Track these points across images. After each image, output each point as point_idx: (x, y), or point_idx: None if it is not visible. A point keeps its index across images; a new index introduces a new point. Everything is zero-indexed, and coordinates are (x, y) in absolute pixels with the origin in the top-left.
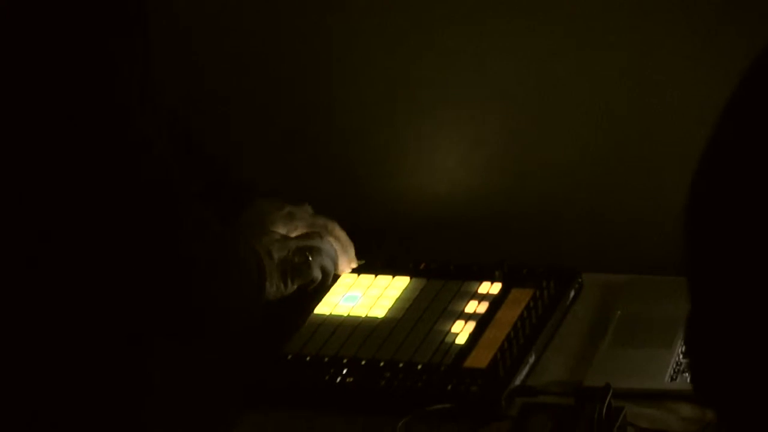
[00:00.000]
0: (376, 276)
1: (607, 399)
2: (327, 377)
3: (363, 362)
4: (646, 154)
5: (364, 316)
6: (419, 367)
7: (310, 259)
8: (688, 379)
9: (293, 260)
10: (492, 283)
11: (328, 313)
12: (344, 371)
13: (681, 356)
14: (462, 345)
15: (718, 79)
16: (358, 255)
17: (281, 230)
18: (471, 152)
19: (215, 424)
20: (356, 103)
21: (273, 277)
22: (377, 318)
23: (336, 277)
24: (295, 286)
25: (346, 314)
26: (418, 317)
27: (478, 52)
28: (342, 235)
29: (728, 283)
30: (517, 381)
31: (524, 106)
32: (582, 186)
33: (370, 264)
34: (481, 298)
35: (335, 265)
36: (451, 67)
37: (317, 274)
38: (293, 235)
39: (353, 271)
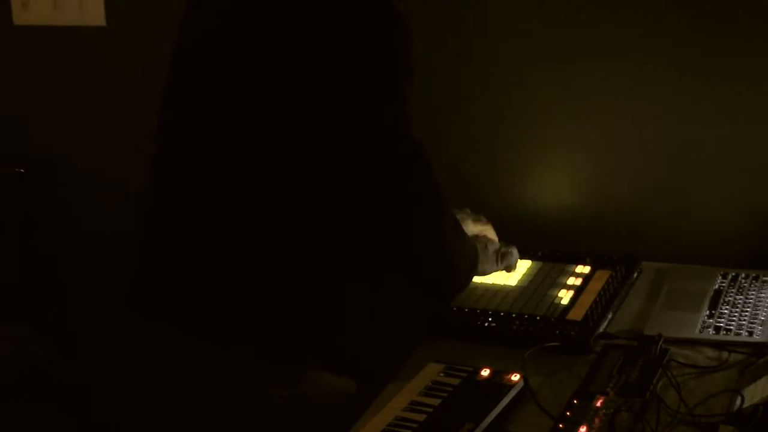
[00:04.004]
0: None
1: (659, 343)
2: (478, 321)
3: (501, 313)
4: (684, 178)
5: (502, 284)
6: (537, 318)
7: (513, 251)
8: (711, 332)
9: (501, 251)
10: (584, 266)
11: (479, 281)
12: (489, 318)
13: (706, 317)
14: (565, 305)
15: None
16: None
17: (474, 227)
18: (566, 172)
19: (409, 342)
20: (492, 133)
21: (490, 259)
22: (510, 286)
23: None
24: (502, 267)
25: (490, 282)
26: (537, 286)
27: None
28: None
29: None
30: (600, 329)
31: (609, 138)
32: (644, 204)
33: None
34: (577, 275)
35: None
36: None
37: (515, 263)
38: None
39: None
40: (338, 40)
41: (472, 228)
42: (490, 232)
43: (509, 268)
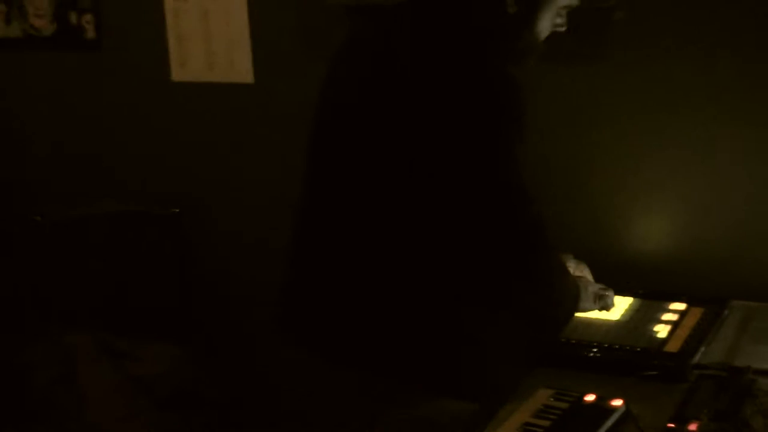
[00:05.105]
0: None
1: (748, 374)
2: (584, 352)
3: (605, 345)
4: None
5: (606, 319)
6: (638, 349)
7: (609, 294)
8: None
9: (599, 293)
10: (680, 304)
11: (584, 316)
12: (594, 349)
13: None
14: (663, 338)
15: None
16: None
17: (576, 270)
18: (662, 217)
19: (520, 370)
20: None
21: (589, 298)
22: (613, 320)
23: None
24: (599, 306)
25: (595, 317)
26: (637, 320)
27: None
28: None
29: None
30: (695, 360)
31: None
32: (734, 248)
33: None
34: (674, 312)
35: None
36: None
37: (612, 303)
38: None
39: None
40: (461, 107)
41: (573, 270)
42: (588, 276)
43: (606, 308)
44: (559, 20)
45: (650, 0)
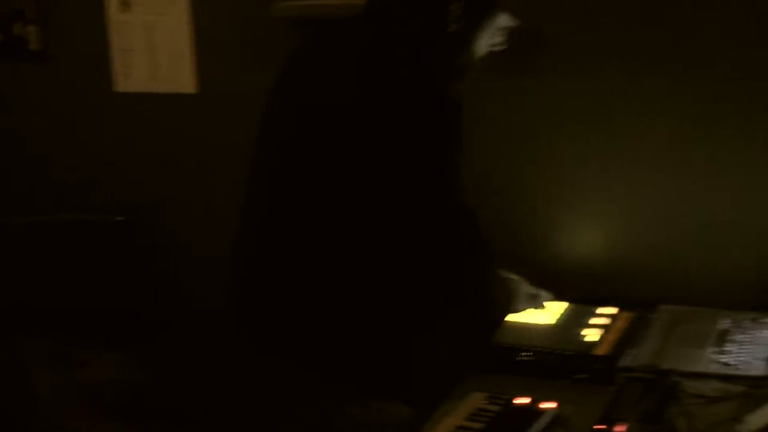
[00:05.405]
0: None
1: (672, 376)
2: (517, 356)
3: (538, 349)
4: (696, 232)
5: (538, 323)
6: (568, 353)
7: (540, 293)
8: (717, 367)
9: (531, 293)
10: (610, 308)
11: (518, 320)
12: (527, 353)
13: (713, 353)
14: (593, 341)
15: None
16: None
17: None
18: (595, 225)
19: (459, 375)
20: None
21: (522, 299)
22: (546, 324)
23: None
24: (531, 306)
25: (529, 321)
26: (569, 325)
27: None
28: None
29: None
30: (623, 363)
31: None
32: (663, 254)
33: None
34: (604, 316)
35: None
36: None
37: (542, 302)
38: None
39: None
40: (403, 122)
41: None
42: (519, 277)
43: (537, 307)
44: (497, 39)
45: (578, 17)
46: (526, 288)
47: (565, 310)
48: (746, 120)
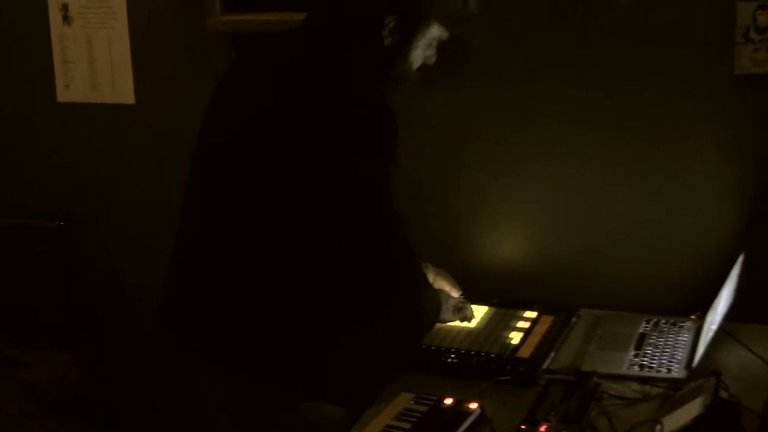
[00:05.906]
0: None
1: (593, 378)
2: (443, 358)
3: (462, 351)
4: (615, 239)
5: (463, 326)
6: (492, 355)
7: (468, 305)
8: (636, 369)
9: (458, 305)
10: (532, 312)
11: (445, 324)
12: (452, 355)
13: (633, 356)
14: (516, 344)
15: None
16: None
17: (435, 279)
18: (518, 230)
19: (388, 376)
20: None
21: (450, 310)
22: (470, 327)
23: None
24: (458, 318)
25: (454, 325)
26: (492, 328)
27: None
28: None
29: None
30: (545, 366)
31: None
32: (583, 260)
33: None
34: (526, 320)
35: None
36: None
37: (471, 315)
38: (437, 284)
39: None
40: (337, 132)
41: (432, 280)
42: (448, 286)
43: (464, 319)
44: (429, 52)
45: (502, 30)
46: (453, 300)
47: (487, 313)
48: (667, 125)
